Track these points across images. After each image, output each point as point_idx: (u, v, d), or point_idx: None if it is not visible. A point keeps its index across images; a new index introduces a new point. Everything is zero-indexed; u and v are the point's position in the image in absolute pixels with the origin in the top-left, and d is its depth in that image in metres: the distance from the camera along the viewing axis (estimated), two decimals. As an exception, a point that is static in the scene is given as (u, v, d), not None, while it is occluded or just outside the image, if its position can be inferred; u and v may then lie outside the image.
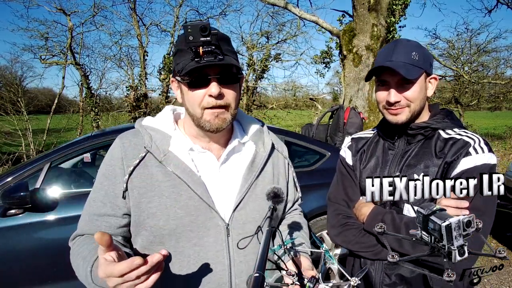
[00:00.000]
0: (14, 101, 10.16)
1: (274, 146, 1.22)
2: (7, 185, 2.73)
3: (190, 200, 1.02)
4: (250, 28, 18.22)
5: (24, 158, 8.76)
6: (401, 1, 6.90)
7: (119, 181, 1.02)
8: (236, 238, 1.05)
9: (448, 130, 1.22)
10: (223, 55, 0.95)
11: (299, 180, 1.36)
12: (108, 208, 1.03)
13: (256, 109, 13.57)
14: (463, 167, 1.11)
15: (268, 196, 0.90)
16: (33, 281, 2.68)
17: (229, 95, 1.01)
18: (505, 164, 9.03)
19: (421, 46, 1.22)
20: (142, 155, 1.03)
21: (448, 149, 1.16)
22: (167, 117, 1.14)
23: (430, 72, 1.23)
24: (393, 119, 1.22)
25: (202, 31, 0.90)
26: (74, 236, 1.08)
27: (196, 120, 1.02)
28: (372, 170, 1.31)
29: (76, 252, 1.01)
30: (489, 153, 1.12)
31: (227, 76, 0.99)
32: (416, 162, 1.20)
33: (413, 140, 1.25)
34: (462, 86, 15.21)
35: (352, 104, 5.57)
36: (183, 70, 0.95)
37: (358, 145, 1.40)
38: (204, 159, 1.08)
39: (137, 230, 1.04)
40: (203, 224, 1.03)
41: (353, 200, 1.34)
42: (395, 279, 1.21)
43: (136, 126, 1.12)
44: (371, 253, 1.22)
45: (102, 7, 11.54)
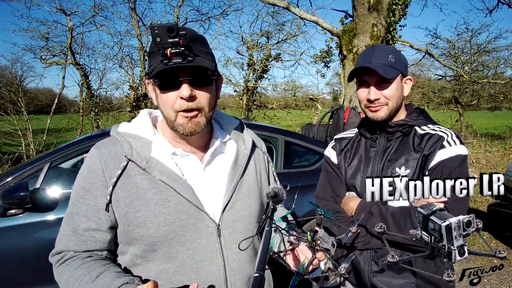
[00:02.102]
0: (14, 101, 10.17)
1: (254, 143, 1.22)
2: (7, 185, 2.73)
3: (179, 205, 1.00)
4: (250, 28, 18.20)
5: (24, 158, 8.76)
6: (401, 0, 6.90)
7: (100, 193, 1.00)
8: (227, 238, 1.06)
9: (423, 127, 1.35)
10: (193, 56, 0.93)
11: (299, 180, 1.38)
12: (93, 222, 1.00)
13: (256, 109, 13.57)
14: (439, 158, 1.24)
15: (268, 196, 0.90)
16: (33, 281, 2.67)
17: (202, 97, 0.98)
18: (505, 164, 9.01)
19: (396, 51, 1.37)
20: (124, 164, 1.00)
21: (425, 143, 1.29)
22: (144, 121, 1.10)
23: (406, 73, 1.36)
24: (373, 116, 1.34)
25: (170, 32, 0.88)
26: (57, 251, 1.02)
27: (170, 123, 1.00)
28: (356, 167, 1.41)
29: (77, 275, 0.96)
30: (461, 145, 1.27)
31: (199, 78, 0.97)
32: (396, 157, 1.32)
33: (392, 137, 1.37)
34: (462, 86, 15.22)
35: (352, 104, 5.57)
36: (152, 72, 0.94)
37: (342, 145, 1.50)
38: (188, 163, 1.07)
39: (127, 240, 1.02)
40: (194, 227, 1.02)
41: (340, 196, 1.43)
42: (383, 266, 1.29)
43: (112, 134, 1.08)
44: (361, 244, 1.30)
45: (102, 7, 11.54)
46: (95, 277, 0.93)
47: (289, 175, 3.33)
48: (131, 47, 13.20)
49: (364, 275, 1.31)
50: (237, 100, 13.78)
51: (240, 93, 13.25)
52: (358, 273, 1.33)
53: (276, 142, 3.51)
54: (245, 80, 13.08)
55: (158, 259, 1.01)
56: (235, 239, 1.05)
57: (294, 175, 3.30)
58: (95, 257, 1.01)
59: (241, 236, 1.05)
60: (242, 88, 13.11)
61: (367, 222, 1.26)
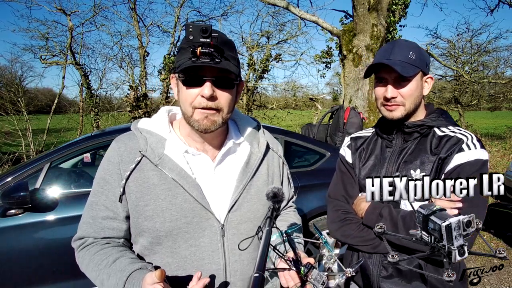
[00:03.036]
0: (14, 101, 10.16)
1: (269, 146, 1.23)
2: (7, 185, 2.73)
3: (185, 203, 1.04)
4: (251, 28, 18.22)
5: (24, 158, 8.76)
6: (401, 0, 6.90)
7: (116, 185, 1.05)
8: (231, 238, 1.08)
9: (442, 128, 1.28)
10: (221, 59, 0.96)
11: (299, 180, 1.37)
12: (110, 212, 1.06)
13: (256, 109, 13.57)
14: (456, 162, 1.16)
15: (268, 196, 0.91)
16: (33, 281, 2.67)
17: (223, 98, 1.01)
18: (505, 164, 9.01)
19: (418, 47, 1.27)
20: (138, 159, 1.05)
21: (443, 146, 1.22)
22: (162, 119, 1.15)
23: (427, 72, 1.28)
24: (389, 115, 1.28)
25: (203, 32, 0.92)
26: (78, 237, 1.09)
27: (187, 118, 1.03)
28: (371, 167, 1.35)
29: (96, 259, 1.03)
30: (481, 149, 1.17)
31: (222, 80, 1.00)
32: (412, 159, 1.26)
33: (409, 137, 1.30)
34: (462, 86, 15.20)
35: (352, 104, 5.57)
36: (179, 67, 0.97)
37: (357, 144, 1.45)
38: (199, 161, 1.09)
39: (137, 231, 1.07)
40: (198, 225, 1.05)
41: (352, 196, 1.38)
42: (392, 272, 1.25)
43: (132, 129, 1.13)
44: (370, 247, 1.26)
45: (102, 7, 11.54)
46: (111, 262, 1.01)
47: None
48: (131, 47, 13.21)
49: (373, 279, 1.28)
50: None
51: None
52: (367, 277, 1.30)
53: (276, 142, 3.51)
54: (245, 80, 13.08)
55: (162, 252, 1.05)
56: (239, 241, 1.06)
57: (294, 175, 3.29)
58: (112, 243, 1.07)
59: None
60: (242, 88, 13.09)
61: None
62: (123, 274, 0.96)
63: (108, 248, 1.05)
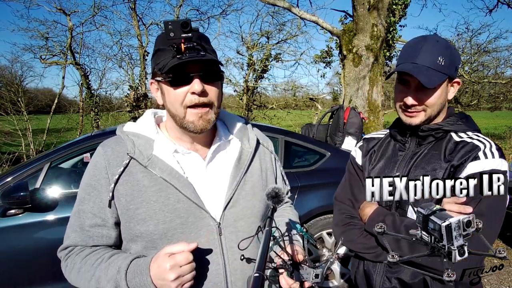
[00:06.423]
0: (14, 101, 10.15)
1: (259, 142, 1.22)
2: (7, 185, 2.73)
3: (178, 203, 1.01)
4: (250, 28, 18.21)
5: (24, 158, 8.76)
6: (401, 0, 6.90)
7: (104, 190, 1.02)
8: (228, 236, 1.05)
9: (460, 133, 1.19)
10: (205, 51, 0.95)
11: (299, 180, 1.37)
12: (98, 219, 1.03)
13: (256, 109, 13.55)
14: (469, 171, 1.07)
15: (268, 196, 0.90)
16: (33, 281, 2.67)
17: (212, 92, 1.00)
18: (505, 164, 9.00)
19: (449, 48, 1.16)
20: (126, 162, 1.02)
21: (457, 152, 1.13)
22: (148, 121, 1.12)
23: (454, 76, 1.18)
24: (407, 120, 1.21)
25: (183, 27, 0.89)
26: (65, 247, 1.07)
27: (179, 120, 1.00)
28: (380, 170, 1.29)
29: (90, 260, 1.00)
30: (500, 158, 1.07)
31: (209, 73, 0.98)
32: (424, 164, 1.18)
33: (423, 141, 1.23)
34: (462, 86, 15.20)
35: (352, 104, 5.57)
36: (164, 68, 0.94)
37: (369, 145, 1.39)
38: (189, 160, 1.07)
39: (129, 237, 1.04)
40: (194, 225, 1.02)
41: (358, 200, 1.33)
42: (395, 283, 1.20)
43: (118, 133, 1.10)
44: (373, 255, 1.21)
45: (102, 7, 11.53)
46: (107, 257, 0.98)
47: (288, 175, 3.31)
48: (131, 47, 13.20)
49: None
50: (237, 100, 13.75)
51: (240, 93, 13.24)
52: (370, 285, 1.26)
53: (276, 142, 3.51)
54: (245, 80, 13.07)
55: None
56: (237, 238, 1.04)
57: (294, 175, 3.30)
58: (103, 247, 1.05)
59: (243, 236, 1.05)
60: (242, 88, 13.09)
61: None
62: (127, 259, 0.95)
63: (100, 249, 1.03)
